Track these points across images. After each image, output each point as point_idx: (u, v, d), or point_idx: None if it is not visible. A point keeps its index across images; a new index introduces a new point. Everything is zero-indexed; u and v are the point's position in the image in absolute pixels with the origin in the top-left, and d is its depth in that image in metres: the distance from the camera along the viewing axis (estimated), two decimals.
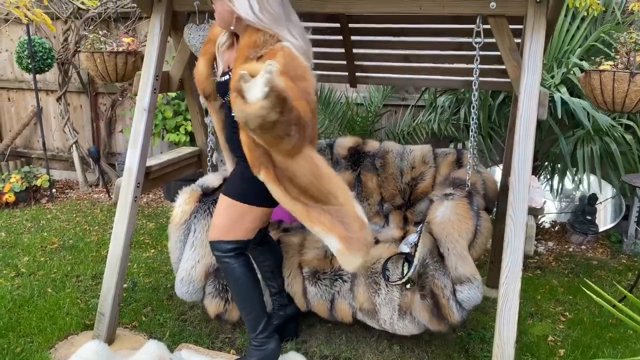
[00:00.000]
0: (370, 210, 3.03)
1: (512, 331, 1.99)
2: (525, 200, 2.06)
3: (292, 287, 2.41)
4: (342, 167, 3.07)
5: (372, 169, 3.02)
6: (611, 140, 3.37)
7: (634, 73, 2.25)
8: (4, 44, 5.47)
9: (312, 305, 2.40)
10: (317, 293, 2.36)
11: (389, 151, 3.00)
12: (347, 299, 2.32)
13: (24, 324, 2.62)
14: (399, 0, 2.34)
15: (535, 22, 2.17)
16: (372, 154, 3.03)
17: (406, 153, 2.98)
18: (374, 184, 3.03)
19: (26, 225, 4.08)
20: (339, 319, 2.39)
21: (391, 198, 3.02)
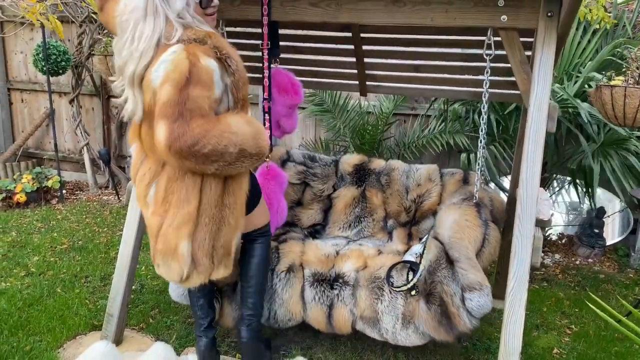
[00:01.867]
0: (374, 226, 2.97)
1: (518, 342, 1.99)
2: (533, 213, 2.07)
3: (290, 287, 2.35)
4: (347, 182, 3.06)
5: (377, 185, 3.00)
6: (628, 154, 3.35)
7: None
8: (20, 46, 5.55)
9: (308, 312, 2.32)
10: (316, 296, 2.30)
11: (395, 169, 2.97)
12: (348, 305, 2.27)
13: (34, 323, 2.66)
14: (410, 12, 2.37)
15: (546, 35, 2.19)
16: (377, 171, 3.01)
17: (412, 171, 2.95)
18: (379, 199, 2.98)
19: (36, 225, 4.13)
20: (336, 329, 2.30)
21: (396, 214, 2.95)
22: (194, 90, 1.69)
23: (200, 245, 1.87)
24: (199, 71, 1.70)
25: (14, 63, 5.65)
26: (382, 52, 3.01)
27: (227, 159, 1.77)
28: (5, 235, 3.89)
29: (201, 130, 1.69)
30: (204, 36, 1.78)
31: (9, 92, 5.74)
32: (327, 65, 3.22)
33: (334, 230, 2.98)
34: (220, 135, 1.73)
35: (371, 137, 4.11)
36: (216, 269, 1.93)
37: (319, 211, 3.07)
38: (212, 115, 1.76)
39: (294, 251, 2.48)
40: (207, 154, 1.72)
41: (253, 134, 1.83)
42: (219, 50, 1.78)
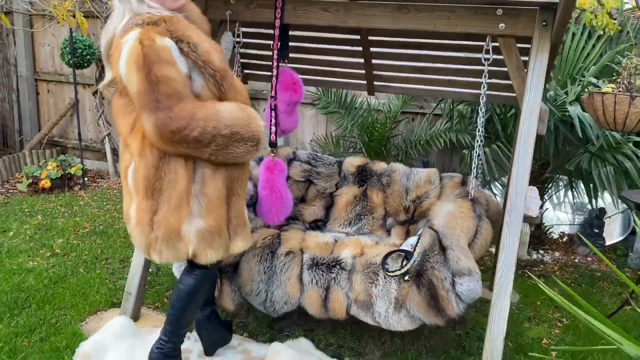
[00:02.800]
0: (374, 224, 3.10)
1: (502, 327, 2.15)
2: (521, 209, 2.22)
3: (289, 269, 2.45)
4: (349, 182, 3.20)
5: (378, 185, 3.13)
6: (624, 158, 3.46)
7: (634, 96, 2.40)
8: (47, 40, 5.80)
9: (305, 294, 2.42)
10: (313, 279, 2.40)
11: (396, 170, 3.10)
12: (344, 288, 2.37)
13: (59, 298, 2.88)
14: (414, 18, 2.52)
15: (540, 44, 2.33)
16: (379, 172, 3.15)
17: (413, 174, 3.08)
18: (379, 199, 3.11)
19: (60, 210, 4.37)
20: (332, 314, 2.39)
21: (395, 213, 3.07)
22: (159, 70, 1.71)
23: (219, 215, 1.95)
24: (157, 50, 1.72)
25: (42, 55, 5.91)
26: (389, 54, 3.17)
27: (220, 141, 1.82)
28: (32, 218, 4.13)
29: (187, 113, 1.74)
30: (157, 20, 1.81)
31: (36, 82, 6.00)
32: (337, 65, 3.38)
33: (334, 227, 3.14)
34: (207, 117, 1.78)
35: (379, 135, 4.27)
36: (233, 241, 2.04)
37: (321, 208, 3.23)
38: (190, 95, 1.80)
39: (294, 238, 2.64)
40: (197, 137, 1.77)
41: (245, 118, 1.88)
42: (172, 32, 1.80)
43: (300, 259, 2.49)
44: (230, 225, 2.03)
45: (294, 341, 2.55)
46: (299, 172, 3.21)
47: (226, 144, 1.84)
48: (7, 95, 6.11)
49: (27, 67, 5.89)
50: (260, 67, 3.42)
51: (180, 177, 1.88)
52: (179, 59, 1.77)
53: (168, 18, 1.83)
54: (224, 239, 2.00)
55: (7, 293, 2.89)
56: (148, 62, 1.71)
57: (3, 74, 6.04)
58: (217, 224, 1.95)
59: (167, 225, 1.90)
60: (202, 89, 1.84)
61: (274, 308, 2.46)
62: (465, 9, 2.45)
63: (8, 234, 3.78)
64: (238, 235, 2.06)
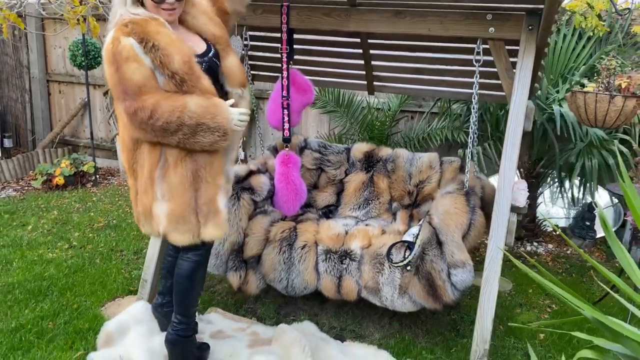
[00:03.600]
0: (380, 208, 3.33)
1: (492, 307, 2.34)
2: (509, 199, 2.40)
3: (306, 260, 2.70)
4: (357, 168, 3.42)
5: (383, 171, 3.35)
6: (608, 155, 3.65)
7: (613, 95, 2.58)
8: (58, 42, 6.01)
9: (321, 281, 2.68)
10: (327, 269, 2.66)
11: (400, 156, 3.32)
12: (355, 277, 2.63)
13: (79, 286, 3.08)
14: (410, 23, 2.72)
15: (527, 46, 2.51)
16: (384, 158, 3.36)
17: (415, 159, 3.30)
18: (384, 184, 3.34)
19: (75, 205, 4.57)
20: (345, 297, 2.67)
21: (400, 198, 3.32)
22: (125, 66, 1.91)
23: (182, 202, 2.07)
24: (122, 49, 1.92)
25: (53, 57, 6.12)
26: (387, 56, 3.36)
27: (186, 131, 1.97)
28: (48, 213, 4.34)
29: (153, 102, 1.92)
30: (127, 22, 1.97)
31: (48, 83, 6.21)
32: (339, 66, 3.58)
33: (345, 211, 3.35)
34: (173, 108, 1.94)
35: (379, 132, 4.46)
36: (204, 227, 2.12)
37: (333, 194, 3.45)
38: (156, 88, 1.96)
39: (309, 230, 2.85)
40: (162, 125, 1.93)
41: (212, 110, 2.01)
42: (136, 33, 1.94)
43: (315, 251, 2.73)
44: (199, 212, 2.11)
45: (299, 324, 2.74)
46: (310, 160, 3.42)
47: (192, 133, 1.98)
48: (19, 96, 6.31)
49: (39, 69, 6.09)
50: (266, 68, 3.61)
51: (145, 162, 2.08)
52: (142, 55, 1.94)
53: (138, 20, 1.99)
54: (190, 225, 2.10)
55: (30, 282, 3.09)
56: (116, 59, 1.93)
57: (16, 75, 6.25)
58: (180, 210, 2.08)
59: (142, 204, 2.15)
60: (165, 85, 2.00)
61: (295, 292, 2.74)
62: (457, 14, 2.64)
63: (27, 228, 3.99)
64: (209, 222, 2.13)
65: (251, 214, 2.90)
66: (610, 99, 2.56)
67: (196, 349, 2.37)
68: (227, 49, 2.24)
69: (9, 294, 2.94)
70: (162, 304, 2.59)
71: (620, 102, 2.64)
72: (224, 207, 2.19)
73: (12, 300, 2.87)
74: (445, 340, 2.76)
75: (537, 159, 4.13)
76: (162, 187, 2.08)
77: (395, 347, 2.65)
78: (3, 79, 6.47)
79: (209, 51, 2.17)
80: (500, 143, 4.03)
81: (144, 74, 1.94)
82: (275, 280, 2.75)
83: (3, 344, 2.45)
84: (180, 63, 1.98)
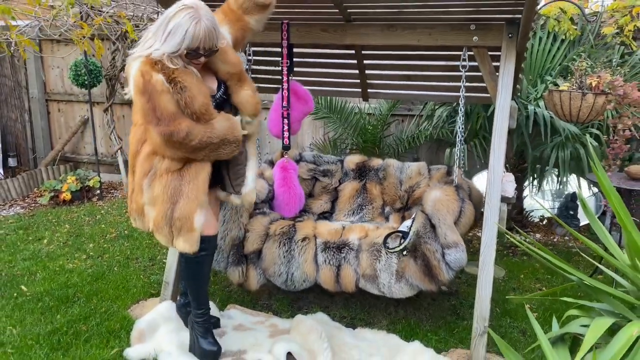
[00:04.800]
0: (374, 212, 3.54)
1: (489, 289, 2.60)
2: (499, 190, 2.67)
3: (305, 252, 2.87)
4: (350, 177, 3.65)
5: (376, 179, 3.59)
6: (580, 147, 3.95)
7: (585, 93, 2.87)
8: (56, 62, 6.19)
9: (320, 273, 2.84)
10: (326, 259, 2.83)
11: (390, 165, 3.57)
12: (353, 265, 2.80)
13: (103, 292, 3.28)
14: (401, 35, 2.98)
15: (507, 53, 2.79)
16: (376, 168, 3.61)
17: (405, 167, 3.54)
18: (377, 191, 3.57)
19: (84, 218, 4.76)
20: (343, 287, 2.82)
21: (392, 202, 3.53)
22: (158, 98, 2.13)
23: (160, 211, 2.29)
24: (154, 84, 2.12)
25: (51, 77, 6.30)
26: (380, 65, 3.63)
27: (212, 147, 2.26)
28: (60, 227, 4.52)
29: (187, 126, 2.18)
30: (157, 61, 2.16)
31: (47, 103, 6.39)
32: (334, 76, 3.84)
33: (340, 217, 3.58)
34: (203, 131, 2.21)
35: (372, 136, 4.73)
36: (175, 238, 2.31)
37: (328, 201, 3.67)
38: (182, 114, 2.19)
39: (308, 226, 3.05)
40: (195, 145, 2.21)
41: (231, 127, 2.30)
42: (165, 73, 2.15)
43: (314, 243, 2.91)
44: (173, 224, 2.29)
45: (313, 315, 2.97)
46: (305, 171, 3.65)
47: (217, 147, 2.28)
48: (19, 116, 6.48)
49: (38, 89, 6.26)
50: (268, 80, 3.86)
51: (138, 168, 2.35)
52: (169, 87, 2.16)
53: (166, 64, 2.17)
54: (164, 233, 2.32)
55: (56, 290, 3.29)
56: (148, 90, 2.14)
57: (15, 96, 6.42)
58: (158, 218, 2.30)
59: (136, 202, 2.39)
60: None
61: (294, 286, 2.89)
62: (444, 25, 2.92)
63: (43, 242, 4.17)
64: (180, 237, 2.31)
65: (251, 214, 3.09)
66: (583, 97, 2.85)
67: (202, 338, 2.55)
68: (240, 83, 2.43)
69: (39, 301, 3.13)
70: (184, 304, 2.80)
71: (592, 99, 2.93)
72: (200, 226, 2.32)
73: (43, 308, 3.06)
74: (447, 323, 3.02)
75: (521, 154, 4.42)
76: (148, 194, 2.31)
77: (403, 331, 2.89)
78: (2, 100, 6.64)
79: (218, 89, 2.40)
80: (485, 142, 4.33)
81: (174, 102, 2.18)
82: (275, 274, 2.88)
83: (43, 345, 2.65)
84: (200, 104, 2.23)
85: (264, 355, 2.58)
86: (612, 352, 1.37)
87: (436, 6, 2.75)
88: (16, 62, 6.20)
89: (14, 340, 2.71)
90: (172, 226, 2.30)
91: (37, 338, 2.72)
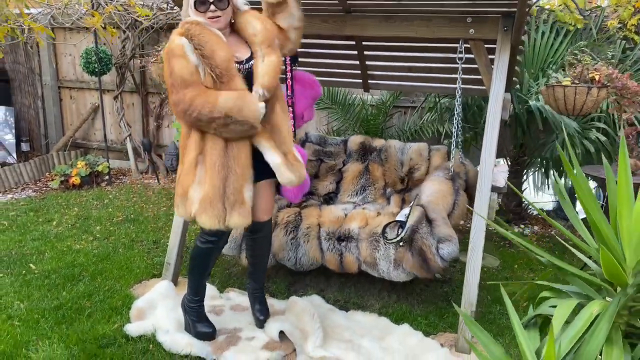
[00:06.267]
0: (376, 193, 3.66)
1: (477, 275, 2.68)
2: (489, 180, 2.74)
3: (310, 241, 3.02)
4: (353, 158, 3.76)
5: (378, 160, 3.69)
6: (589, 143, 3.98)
7: (590, 87, 2.92)
8: (68, 50, 6.33)
9: (325, 257, 3.01)
10: (330, 247, 2.99)
11: (392, 146, 3.66)
12: (354, 254, 2.96)
13: (107, 272, 3.41)
14: (399, 26, 3.05)
15: (502, 45, 2.85)
16: (378, 148, 3.70)
17: (406, 148, 3.64)
18: (379, 172, 3.68)
19: (93, 203, 4.90)
20: (347, 270, 3.00)
21: (393, 184, 3.66)
22: (174, 63, 2.24)
23: (211, 187, 2.32)
24: (174, 48, 2.25)
25: (64, 64, 6.44)
26: (380, 56, 3.70)
27: (219, 122, 2.25)
28: (69, 210, 4.67)
29: (190, 97, 2.23)
30: (185, 23, 2.32)
31: (59, 90, 6.53)
32: (335, 67, 3.92)
33: (344, 197, 3.69)
34: (204, 103, 2.22)
35: (374, 127, 4.80)
36: (229, 214, 2.35)
37: (332, 182, 3.79)
38: (197, 83, 2.25)
39: (313, 215, 3.19)
40: (197, 117, 2.24)
41: (239, 105, 2.26)
42: (187, 33, 2.27)
43: (317, 232, 3.06)
44: (226, 200, 2.35)
45: (308, 297, 3.07)
46: (311, 152, 3.76)
47: (224, 124, 2.26)
48: (32, 103, 6.63)
49: (51, 76, 6.41)
50: None
51: (193, 148, 2.36)
52: (190, 53, 2.24)
53: (192, 23, 2.31)
54: (217, 210, 2.32)
55: (63, 268, 3.42)
56: (169, 56, 2.28)
57: (29, 83, 6.57)
58: (211, 194, 2.32)
59: (181, 186, 2.41)
60: (205, 79, 2.29)
61: (303, 268, 3.09)
62: (441, 18, 2.98)
63: (52, 223, 4.32)
64: (235, 211, 2.35)
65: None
66: (588, 91, 2.90)
67: (197, 322, 2.66)
68: (266, 52, 2.39)
69: (47, 278, 3.27)
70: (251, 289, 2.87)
71: (596, 93, 2.99)
72: (250, 199, 2.41)
73: (50, 284, 3.19)
74: (438, 308, 3.10)
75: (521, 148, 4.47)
76: (201, 171, 2.35)
77: (394, 315, 2.98)
78: (16, 87, 6.79)
79: (250, 59, 2.42)
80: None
81: (190, 69, 2.24)
82: (285, 259, 3.07)
83: (49, 319, 2.78)
84: (222, 59, 2.27)
85: (258, 333, 2.69)
86: (575, 329, 1.45)
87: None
88: (29, 49, 6.34)
89: (22, 313, 2.84)
90: (226, 202, 2.34)
91: (43, 312, 2.85)
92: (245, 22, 2.44)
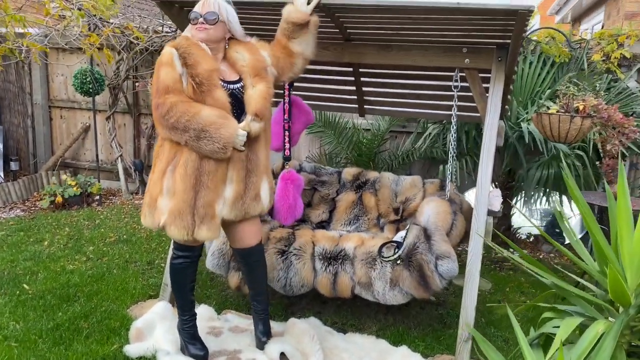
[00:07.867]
0: (369, 223, 3.68)
1: (474, 298, 2.73)
2: (485, 204, 2.82)
3: (303, 260, 2.98)
4: (347, 188, 3.80)
5: (371, 190, 3.73)
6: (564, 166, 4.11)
7: (573, 116, 3.05)
8: (60, 70, 6.34)
9: (318, 279, 2.97)
10: (323, 266, 2.96)
11: (386, 177, 3.71)
12: (349, 273, 2.93)
13: (103, 292, 3.39)
14: (396, 55, 3.16)
15: (497, 75, 2.97)
16: (372, 180, 3.75)
17: (400, 180, 3.69)
18: (372, 202, 3.70)
19: (84, 223, 4.87)
20: (339, 293, 2.94)
21: (386, 214, 3.66)
22: (161, 70, 2.33)
23: (181, 199, 2.35)
24: (163, 56, 2.35)
25: (56, 84, 6.44)
26: (376, 83, 3.80)
27: (192, 134, 2.27)
28: (60, 230, 4.63)
29: (171, 102, 2.28)
30: (179, 36, 2.48)
31: (50, 109, 6.52)
32: (332, 92, 4.00)
33: (337, 226, 3.71)
34: (185, 112, 2.27)
35: (368, 151, 4.89)
36: (198, 227, 2.38)
37: (325, 211, 3.81)
38: (179, 91, 2.31)
39: (306, 234, 3.20)
40: (173, 123, 2.27)
41: (219, 123, 2.30)
42: (177, 45, 2.37)
43: (312, 250, 3.05)
44: (196, 213, 2.37)
45: (306, 319, 3.09)
46: (305, 181, 3.79)
47: (197, 137, 2.28)
48: (22, 122, 6.60)
49: (42, 95, 6.40)
50: None
51: (164, 157, 2.42)
52: (177, 62, 2.32)
53: (184, 38, 2.42)
54: (186, 222, 2.36)
55: (58, 289, 3.39)
56: (159, 65, 2.37)
57: (19, 102, 6.55)
58: (180, 207, 2.36)
59: (150, 194, 2.46)
60: (187, 88, 2.34)
61: (292, 291, 3.00)
62: (437, 48, 3.09)
63: (43, 244, 4.28)
64: (204, 225, 2.39)
65: None
66: (571, 119, 3.02)
67: (189, 344, 2.66)
68: (254, 81, 2.46)
69: (41, 299, 3.24)
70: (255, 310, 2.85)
71: (579, 122, 3.11)
72: (220, 214, 2.44)
73: (46, 305, 3.16)
74: (435, 331, 3.14)
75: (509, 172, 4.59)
76: (169, 182, 2.38)
77: (392, 337, 3.01)
78: (5, 106, 6.76)
79: (237, 82, 2.48)
80: (476, 159, 4.49)
81: (174, 77, 2.32)
82: (274, 279, 2.99)
83: (47, 340, 2.75)
84: (204, 70, 2.34)
85: (258, 355, 2.69)
86: (581, 349, 1.51)
87: (430, 30, 2.93)
88: (21, 69, 6.34)
89: (18, 334, 2.81)
90: (196, 214, 2.37)
91: (40, 333, 2.82)
92: (235, 52, 2.52)
